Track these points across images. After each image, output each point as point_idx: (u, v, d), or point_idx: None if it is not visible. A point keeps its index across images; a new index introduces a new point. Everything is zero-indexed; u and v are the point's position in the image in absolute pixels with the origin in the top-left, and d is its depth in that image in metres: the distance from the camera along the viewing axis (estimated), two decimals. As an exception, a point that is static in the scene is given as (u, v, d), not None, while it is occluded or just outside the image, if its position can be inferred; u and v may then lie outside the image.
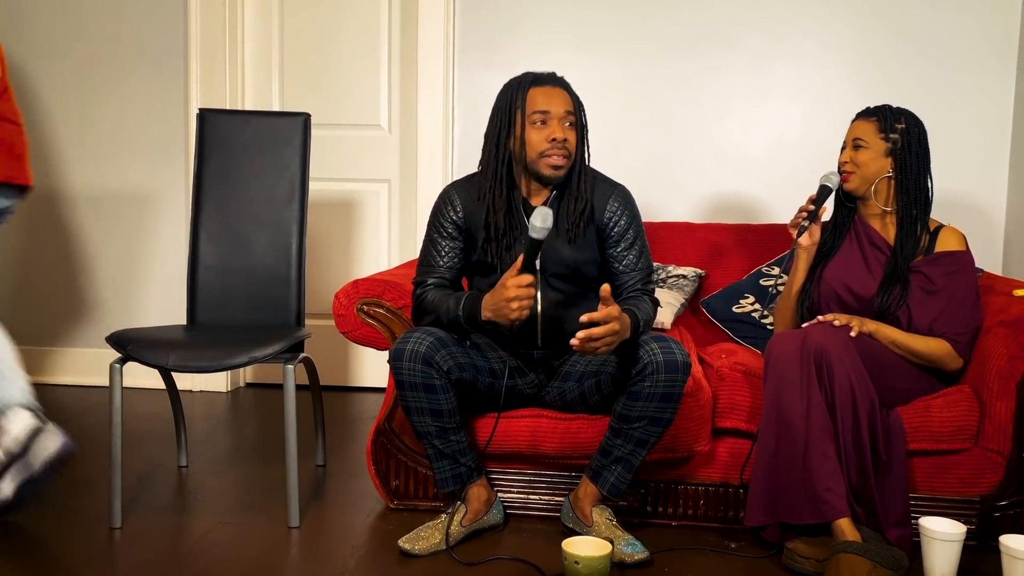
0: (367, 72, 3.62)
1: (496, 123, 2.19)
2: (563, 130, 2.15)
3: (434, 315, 2.16)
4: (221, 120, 2.70)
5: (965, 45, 3.23)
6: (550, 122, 2.15)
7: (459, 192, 2.26)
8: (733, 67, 3.34)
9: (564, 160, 2.15)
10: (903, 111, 2.32)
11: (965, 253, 2.30)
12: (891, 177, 2.31)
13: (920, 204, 2.31)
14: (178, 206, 3.66)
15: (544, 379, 2.29)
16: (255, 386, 3.82)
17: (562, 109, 2.15)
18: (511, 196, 2.20)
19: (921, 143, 2.30)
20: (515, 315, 1.99)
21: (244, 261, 2.65)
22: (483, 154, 2.22)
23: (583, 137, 2.21)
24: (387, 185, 3.68)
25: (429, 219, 2.29)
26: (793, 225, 2.34)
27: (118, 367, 2.25)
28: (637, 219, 2.25)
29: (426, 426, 2.13)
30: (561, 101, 2.16)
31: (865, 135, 2.31)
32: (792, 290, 2.41)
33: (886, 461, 2.08)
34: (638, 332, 2.08)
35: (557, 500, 2.35)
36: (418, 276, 2.26)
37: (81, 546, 2.13)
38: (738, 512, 2.30)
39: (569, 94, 2.19)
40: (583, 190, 2.20)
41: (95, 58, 3.64)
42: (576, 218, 2.19)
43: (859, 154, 2.31)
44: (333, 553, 2.12)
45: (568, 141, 2.15)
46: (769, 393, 2.10)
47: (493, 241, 2.20)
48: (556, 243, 2.19)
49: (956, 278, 2.27)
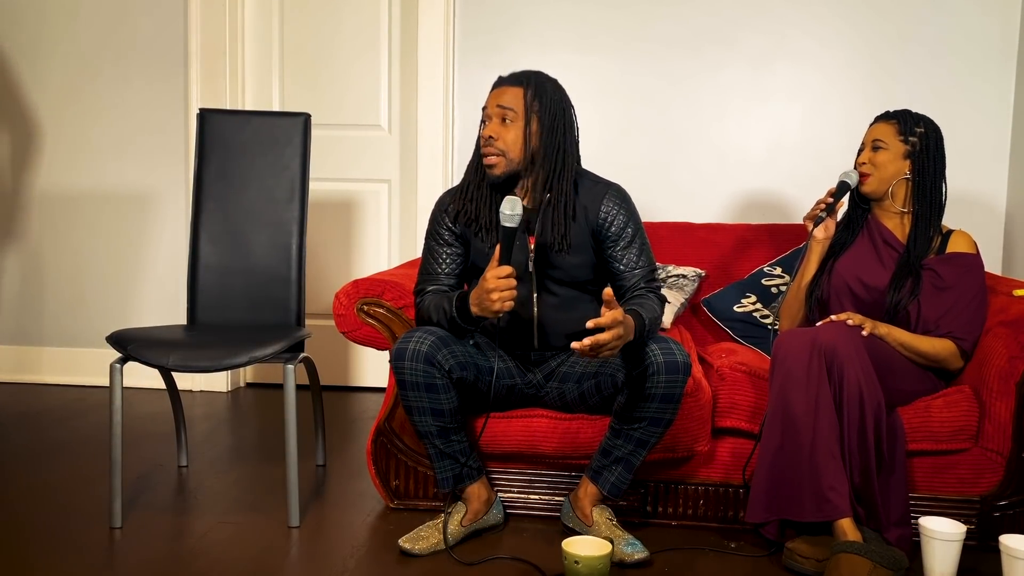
0: (367, 72, 3.62)
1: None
2: (494, 127, 2.12)
3: (434, 317, 2.16)
4: (221, 120, 2.70)
5: (965, 44, 3.23)
6: (488, 120, 2.15)
7: (452, 198, 2.26)
8: (733, 67, 3.34)
9: (495, 159, 2.14)
10: (922, 116, 2.36)
11: (976, 256, 2.32)
12: (908, 179, 2.34)
13: (935, 207, 2.34)
14: (178, 206, 3.66)
15: (543, 380, 2.29)
16: (255, 386, 3.82)
17: (495, 105, 2.13)
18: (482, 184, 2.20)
19: (939, 147, 2.34)
20: (497, 306, 1.98)
21: (244, 261, 2.65)
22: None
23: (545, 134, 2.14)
24: (387, 185, 3.68)
25: (427, 228, 2.29)
26: (810, 217, 2.38)
27: (118, 367, 2.25)
28: (635, 216, 2.22)
29: (427, 426, 2.13)
30: (498, 97, 2.14)
31: (885, 137, 2.33)
32: (803, 282, 2.42)
33: (888, 461, 2.08)
34: (643, 333, 2.05)
35: (557, 500, 2.35)
36: (418, 285, 2.28)
37: (81, 546, 2.13)
38: (738, 512, 2.30)
39: (523, 88, 2.14)
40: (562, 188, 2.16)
41: (95, 58, 3.64)
42: (561, 219, 2.16)
43: (878, 155, 2.33)
44: (333, 553, 2.12)
45: (498, 139, 2.12)
46: (775, 390, 2.09)
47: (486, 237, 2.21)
48: (547, 246, 2.18)
49: (967, 278, 2.28)
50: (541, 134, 2.14)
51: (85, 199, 3.71)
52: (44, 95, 3.68)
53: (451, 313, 2.10)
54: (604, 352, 1.93)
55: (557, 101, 2.16)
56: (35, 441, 2.95)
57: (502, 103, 2.13)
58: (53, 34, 3.65)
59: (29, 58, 3.67)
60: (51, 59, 3.66)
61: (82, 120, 3.67)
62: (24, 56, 3.67)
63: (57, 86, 3.66)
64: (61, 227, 3.73)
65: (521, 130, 2.13)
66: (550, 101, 2.15)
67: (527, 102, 2.13)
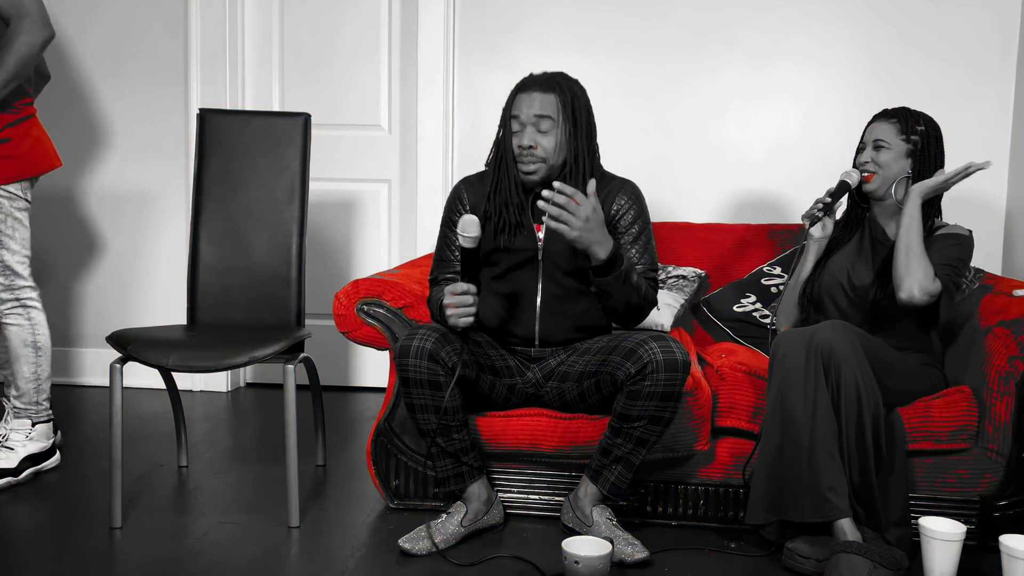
0: (367, 72, 3.62)
1: (500, 123, 2.25)
2: (532, 136, 2.16)
3: (434, 310, 2.22)
4: (221, 120, 2.70)
5: (965, 44, 3.23)
6: (521, 128, 2.18)
7: (468, 189, 2.32)
8: (733, 66, 3.34)
9: (534, 166, 2.18)
10: (921, 113, 2.35)
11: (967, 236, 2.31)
12: (909, 177, 2.33)
13: (934, 206, 2.33)
14: (178, 206, 3.66)
15: (542, 379, 2.29)
16: (255, 386, 3.82)
17: (532, 114, 2.16)
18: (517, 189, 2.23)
19: (939, 145, 2.34)
20: (451, 322, 2.05)
21: (244, 261, 2.65)
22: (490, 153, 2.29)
23: (578, 137, 2.20)
24: (387, 185, 3.68)
25: (443, 216, 2.35)
26: (807, 216, 2.36)
27: (118, 367, 2.25)
28: (644, 215, 2.27)
29: (429, 423, 2.13)
30: (534, 104, 2.17)
31: (886, 136, 2.32)
32: (799, 279, 2.43)
33: (887, 461, 2.08)
34: (616, 264, 2.06)
35: (557, 500, 2.35)
36: (432, 272, 2.33)
37: (81, 546, 2.13)
38: (738, 512, 2.30)
39: (556, 95, 2.17)
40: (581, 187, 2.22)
41: (95, 58, 3.64)
42: None
43: (881, 155, 2.33)
44: (333, 553, 2.12)
45: (537, 148, 2.16)
46: (774, 390, 2.10)
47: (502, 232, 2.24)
48: (558, 239, 2.20)
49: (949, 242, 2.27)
50: (577, 137, 2.20)
51: (85, 199, 3.71)
52: (44, 94, 3.68)
53: (437, 314, 2.17)
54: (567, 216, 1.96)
55: (585, 103, 2.23)
56: (35, 441, 2.95)
57: (538, 111, 2.16)
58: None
59: (29, 58, 3.67)
60: (51, 59, 3.66)
61: (82, 120, 3.67)
62: (24, 56, 3.67)
63: (57, 86, 3.66)
64: (61, 227, 3.72)
65: (557, 136, 2.18)
66: (581, 105, 2.21)
67: (561, 108, 2.17)
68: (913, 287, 2.16)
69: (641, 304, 2.17)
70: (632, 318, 2.21)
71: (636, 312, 2.18)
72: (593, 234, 2.01)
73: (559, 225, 1.98)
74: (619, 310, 2.17)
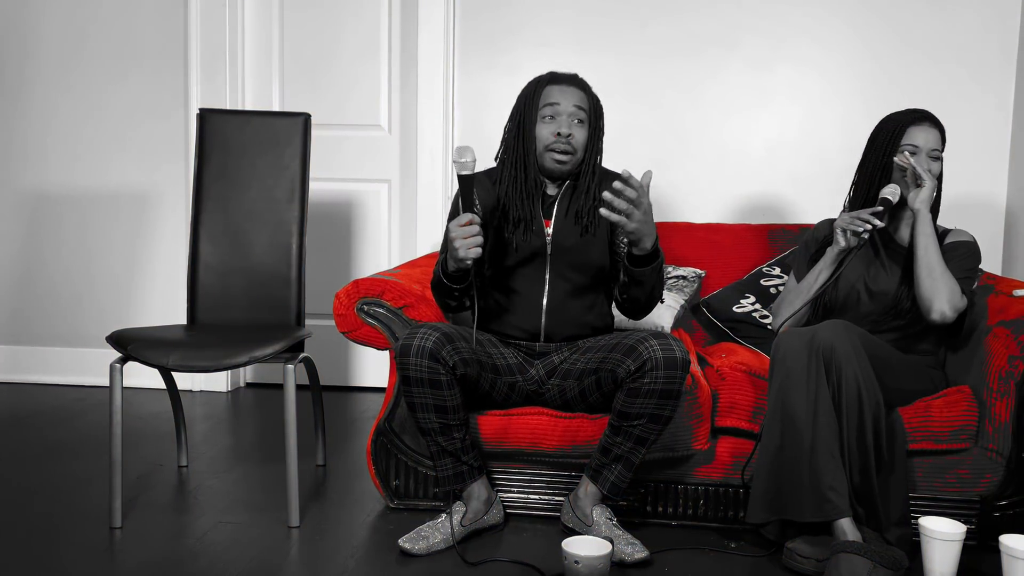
0: (367, 72, 3.62)
1: (515, 115, 2.28)
2: (569, 125, 2.22)
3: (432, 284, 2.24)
4: (221, 120, 2.70)
5: (965, 45, 3.23)
6: (558, 117, 2.23)
7: (477, 185, 2.32)
8: (733, 68, 3.34)
9: (567, 155, 2.23)
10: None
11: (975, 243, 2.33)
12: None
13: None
14: (178, 206, 3.66)
15: (544, 376, 2.29)
16: (255, 386, 3.82)
17: (571, 105, 2.22)
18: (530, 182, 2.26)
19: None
20: (462, 253, 2.04)
21: (244, 261, 2.65)
22: (501, 145, 2.31)
23: (596, 138, 2.27)
24: (387, 185, 3.68)
25: (450, 210, 2.37)
26: (852, 232, 2.23)
27: (118, 367, 2.25)
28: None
29: (430, 423, 2.13)
30: (572, 98, 2.23)
31: (939, 146, 2.29)
32: (814, 285, 2.34)
33: (888, 461, 2.08)
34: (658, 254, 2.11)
35: (557, 500, 2.35)
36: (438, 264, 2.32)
37: (81, 546, 2.13)
38: (738, 512, 2.30)
39: (586, 94, 2.25)
40: (590, 186, 2.27)
41: (95, 58, 3.64)
42: (585, 213, 2.26)
43: (934, 165, 2.28)
44: (333, 553, 2.12)
45: (574, 137, 2.22)
46: (775, 390, 2.09)
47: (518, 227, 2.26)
48: (567, 234, 2.26)
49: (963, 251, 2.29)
50: (595, 139, 2.28)
51: (85, 199, 3.71)
52: (43, 94, 3.68)
53: (438, 273, 2.18)
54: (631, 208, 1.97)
55: (600, 105, 2.30)
56: (35, 441, 2.95)
57: (577, 103, 2.23)
58: (53, 34, 3.65)
59: (29, 58, 3.67)
60: (51, 58, 3.66)
61: (82, 120, 3.67)
62: (25, 56, 3.67)
63: (57, 86, 3.66)
64: (61, 227, 3.73)
65: (586, 132, 2.25)
66: (599, 108, 2.29)
67: (590, 104, 2.25)
68: (944, 307, 2.17)
69: (657, 296, 2.23)
70: (646, 309, 2.25)
71: (651, 303, 2.23)
72: (647, 225, 2.04)
73: (620, 217, 1.99)
74: (641, 300, 2.21)
